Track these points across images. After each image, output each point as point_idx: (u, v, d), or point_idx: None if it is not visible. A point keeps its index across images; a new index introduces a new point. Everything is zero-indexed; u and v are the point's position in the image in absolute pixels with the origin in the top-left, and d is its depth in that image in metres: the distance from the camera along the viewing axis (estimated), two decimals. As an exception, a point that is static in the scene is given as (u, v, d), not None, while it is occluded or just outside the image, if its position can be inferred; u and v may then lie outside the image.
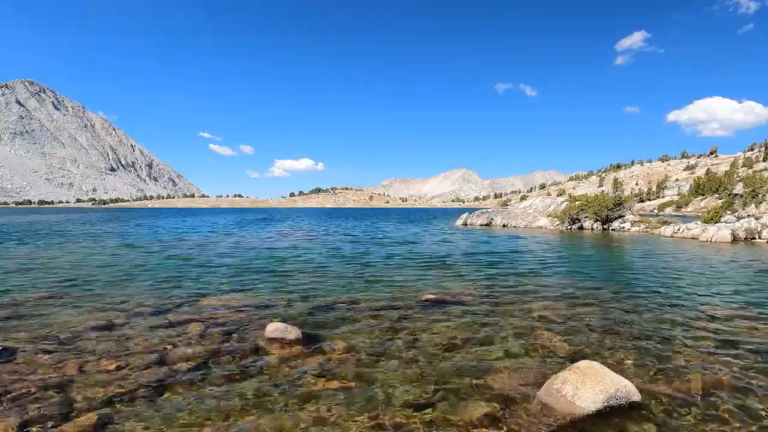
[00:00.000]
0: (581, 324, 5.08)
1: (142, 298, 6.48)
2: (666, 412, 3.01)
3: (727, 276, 8.64)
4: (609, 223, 23.82)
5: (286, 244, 15.85)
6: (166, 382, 3.47)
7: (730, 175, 76.24)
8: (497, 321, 5.23)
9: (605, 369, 3.21)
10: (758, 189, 39.20)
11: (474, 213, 30.69)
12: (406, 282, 7.93)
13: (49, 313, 5.55)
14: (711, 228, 17.87)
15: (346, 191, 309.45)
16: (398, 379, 3.54)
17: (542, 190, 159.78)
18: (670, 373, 3.64)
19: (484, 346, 4.31)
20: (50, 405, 3.09)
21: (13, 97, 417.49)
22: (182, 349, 4.19)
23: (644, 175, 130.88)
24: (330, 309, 5.83)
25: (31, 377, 3.54)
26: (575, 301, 6.30)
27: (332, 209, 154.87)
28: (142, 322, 5.16)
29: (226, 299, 6.40)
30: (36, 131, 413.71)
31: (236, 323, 5.11)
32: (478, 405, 3.09)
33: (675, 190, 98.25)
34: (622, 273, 9.20)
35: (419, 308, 5.88)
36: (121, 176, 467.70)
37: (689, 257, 11.90)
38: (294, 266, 9.92)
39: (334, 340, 4.51)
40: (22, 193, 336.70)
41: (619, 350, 4.18)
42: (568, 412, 2.92)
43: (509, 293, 6.88)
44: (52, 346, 4.26)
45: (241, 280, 8.08)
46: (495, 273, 8.97)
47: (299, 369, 3.75)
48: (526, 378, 3.53)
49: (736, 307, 5.99)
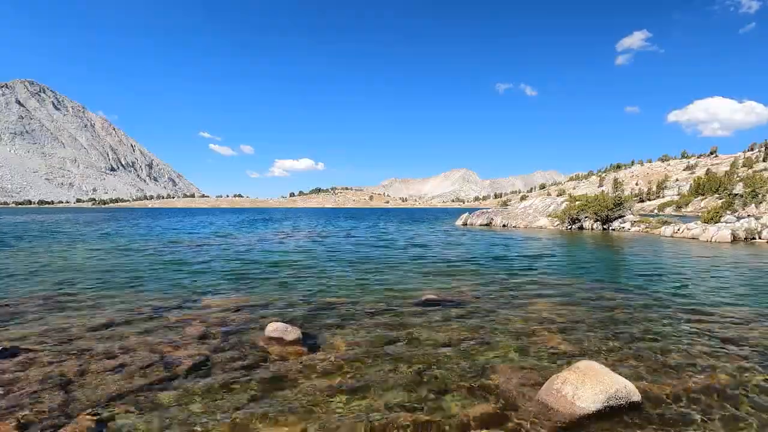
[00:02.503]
0: (581, 324, 5.08)
1: (142, 298, 6.48)
2: (666, 412, 3.01)
3: (727, 276, 8.64)
4: (609, 223, 23.81)
5: (286, 244, 15.84)
6: (166, 382, 3.46)
7: (730, 175, 76.27)
8: (497, 321, 5.23)
9: (605, 369, 3.21)
10: (758, 189, 39.17)
11: (474, 213, 30.68)
12: (405, 282, 7.92)
13: (49, 313, 5.54)
14: (711, 228, 17.87)
15: (346, 191, 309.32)
16: (398, 379, 3.54)
17: (542, 190, 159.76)
18: (670, 373, 3.64)
19: (484, 346, 4.30)
20: (50, 405, 3.09)
21: (13, 97, 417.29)
22: (182, 349, 4.19)
23: (644, 175, 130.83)
24: (330, 309, 5.83)
25: (31, 377, 3.54)
26: (575, 301, 6.30)
27: (332, 209, 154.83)
28: (142, 322, 5.16)
29: (226, 299, 6.39)
30: (36, 131, 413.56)
31: (236, 323, 5.11)
32: (479, 405, 3.09)
33: (675, 190, 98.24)
34: (621, 273, 9.20)
35: (419, 308, 5.87)
36: (121, 176, 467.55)
37: (689, 257, 11.90)
38: (294, 266, 9.91)
39: (334, 340, 4.51)
40: (22, 193, 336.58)
41: (619, 350, 4.18)
42: (568, 412, 2.92)
43: (509, 293, 6.88)
44: (52, 346, 4.26)
45: (240, 280, 8.08)
46: (495, 273, 8.96)
47: (299, 369, 3.75)
48: (526, 378, 3.53)
49: (736, 307, 5.98)
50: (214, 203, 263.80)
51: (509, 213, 29.15)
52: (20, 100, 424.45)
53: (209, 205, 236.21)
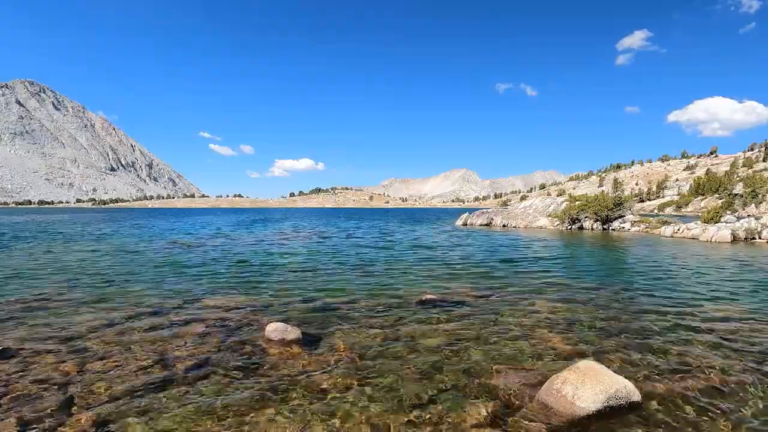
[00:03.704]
0: (581, 324, 5.08)
1: (142, 298, 6.48)
2: (666, 412, 3.01)
3: (727, 276, 8.63)
4: (609, 223, 23.81)
5: (286, 245, 15.84)
6: (166, 382, 3.46)
7: (730, 175, 76.29)
8: (497, 321, 5.23)
9: (605, 369, 3.21)
10: (758, 189, 39.19)
11: (474, 213, 30.66)
12: (405, 282, 7.92)
13: (49, 312, 5.55)
14: (711, 228, 17.87)
15: (346, 191, 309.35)
16: (398, 379, 3.54)
17: (542, 190, 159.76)
18: (670, 372, 3.64)
19: (484, 346, 4.30)
20: (50, 405, 3.09)
21: (13, 97, 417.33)
22: (182, 349, 4.19)
23: (644, 175, 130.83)
24: (330, 309, 5.83)
25: (31, 377, 3.54)
26: (575, 301, 6.30)
27: (332, 209, 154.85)
28: (142, 322, 5.16)
29: (226, 299, 6.39)
30: (36, 131, 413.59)
31: (236, 323, 5.11)
32: (479, 405, 3.09)
33: (675, 190, 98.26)
34: (621, 273, 9.20)
35: (419, 308, 5.87)
36: (121, 176, 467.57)
37: (689, 257, 11.90)
38: (293, 266, 9.91)
39: (335, 340, 4.51)
40: (22, 193, 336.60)
41: (619, 350, 4.18)
42: (568, 412, 2.92)
43: (509, 293, 6.88)
44: (52, 346, 4.26)
45: (241, 280, 8.08)
46: (495, 273, 8.96)
47: (299, 369, 3.75)
48: (527, 378, 3.53)
49: (736, 307, 5.99)
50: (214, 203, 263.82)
51: (509, 213, 29.15)
52: (20, 100, 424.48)
53: (209, 206, 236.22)
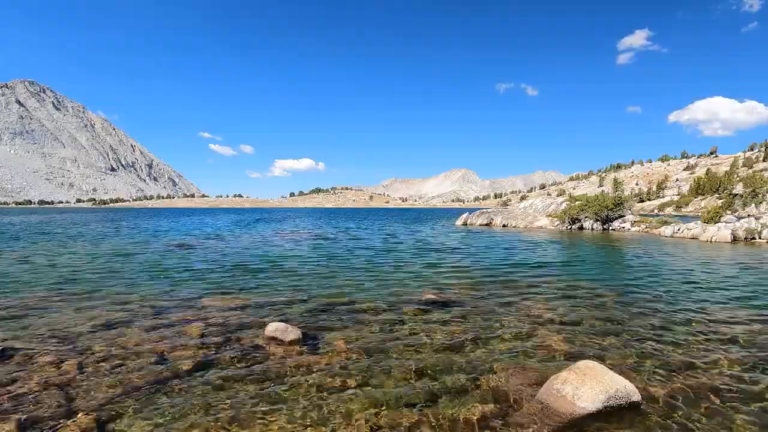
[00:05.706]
0: (581, 324, 5.08)
1: (142, 298, 6.47)
2: (666, 412, 3.01)
3: (726, 276, 8.63)
4: (609, 223, 23.81)
5: (286, 245, 15.84)
6: (166, 382, 3.46)
7: (730, 175, 76.29)
8: (497, 321, 5.23)
9: (605, 369, 3.21)
10: (758, 189, 39.16)
11: (474, 213, 30.66)
12: (405, 282, 7.92)
13: (49, 313, 5.55)
14: (711, 228, 17.86)
15: (346, 191, 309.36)
16: (398, 378, 3.54)
17: (542, 190, 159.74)
18: (670, 372, 3.64)
19: (484, 346, 4.30)
20: (50, 405, 3.09)
21: (13, 97, 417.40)
22: (182, 349, 4.19)
23: (644, 175, 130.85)
24: (330, 309, 5.83)
25: (31, 377, 3.54)
26: (575, 301, 6.30)
27: (332, 209, 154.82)
28: (143, 322, 5.16)
29: (226, 299, 6.39)
30: (36, 131, 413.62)
31: (236, 323, 5.11)
32: (479, 405, 3.09)
33: (675, 190, 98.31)
34: (621, 273, 9.20)
35: (419, 308, 5.87)
36: (121, 176, 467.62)
37: (689, 257, 11.90)
38: (293, 266, 9.91)
39: (334, 339, 4.51)
40: (22, 193, 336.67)
41: (619, 350, 4.17)
42: (568, 412, 2.92)
43: (509, 293, 6.88)
44: (52, 346, 4.26)
45: (241, 280, 8.08)
46: (495, 272, 8.96)
47: (299, 368, 3.75)
48: (527, 378, 3.53)
49: (735, 307, 5.99)
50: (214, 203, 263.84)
51: (509, 213, 29.15)
52: (20, 100, 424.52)
53: (209, 205, 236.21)
